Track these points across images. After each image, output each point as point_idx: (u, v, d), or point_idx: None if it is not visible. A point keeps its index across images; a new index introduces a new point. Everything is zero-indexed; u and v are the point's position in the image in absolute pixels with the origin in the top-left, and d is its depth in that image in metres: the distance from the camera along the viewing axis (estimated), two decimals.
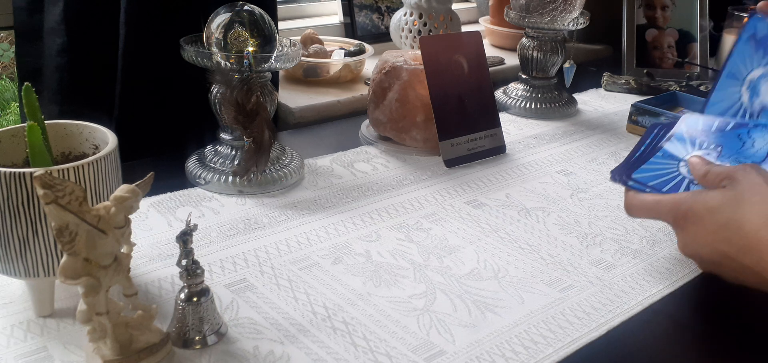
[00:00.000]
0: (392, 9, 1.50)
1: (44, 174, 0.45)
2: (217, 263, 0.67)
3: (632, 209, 0.69)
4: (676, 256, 0.74)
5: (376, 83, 0.96)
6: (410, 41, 1.16)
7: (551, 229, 0.78)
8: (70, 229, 0.46)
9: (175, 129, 0.95)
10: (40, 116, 0.57)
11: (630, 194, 0.69)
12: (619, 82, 1.32)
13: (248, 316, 0.59)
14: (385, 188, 0.85)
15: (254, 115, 0.77)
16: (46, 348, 0.54)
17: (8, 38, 3.02)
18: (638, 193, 0.69)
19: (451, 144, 0.93)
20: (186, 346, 0.55)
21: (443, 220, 0.78)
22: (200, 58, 0.79)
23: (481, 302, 0.64)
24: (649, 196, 0.68)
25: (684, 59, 1.39)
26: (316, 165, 0.90)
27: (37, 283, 0.56)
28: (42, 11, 0.95)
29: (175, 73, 0.92)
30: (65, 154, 0.62)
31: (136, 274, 0.64)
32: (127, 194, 0.48)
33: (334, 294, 0.63)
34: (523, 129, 1.09)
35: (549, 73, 1.15)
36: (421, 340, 0.58)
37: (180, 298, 0.55)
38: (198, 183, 0.82)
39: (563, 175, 0.92)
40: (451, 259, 0.70)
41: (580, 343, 0.59)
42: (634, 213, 0.69)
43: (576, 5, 1.08)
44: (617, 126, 1.13)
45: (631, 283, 0.68)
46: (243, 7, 0.80)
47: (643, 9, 1.41)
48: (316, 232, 0.74)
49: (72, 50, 0.94)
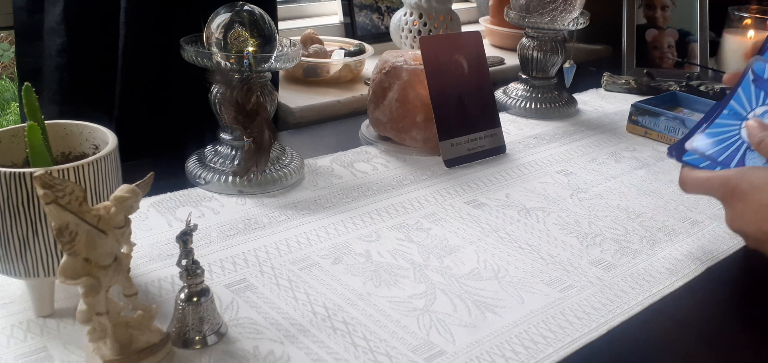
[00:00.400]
0: (392, 9, 1.50)
1: (44, 174, 0.45)
2: (217, 263, 0.67)
3: (686, 185, 0.70)
4: (676, 256, 0.74)
5: (376, 83, 0.96)
6: (410, 41, 1.16)
7: (551, 229, 0.78)
8: (70, 229, 0.46)
9: (175, 129, 0.95)
10: (40, 116, 0.57)
11: (684, 170, 0.70)
12: (619, 82, 1.32)
13: (248, 316, 0.59)
14: (385, 188, 0.85)
15: (254, 115, 0.77)
16: (46, 348, 0.54)
17: (8, 38, 3.02)
18: (692, 170, 0.69)
19: (451, 144, 0.93)
20: (186, 346, 0.55)
21: (443, 220, 0.78)
22: (200, 58, 0.79)
23: (481, 302, 0.64)
24: (701, 172, 0.68)
25: (684, 59, 1.39)
26: (316, 165, 0.90)
27: (37, 283, 0.56)
28: (42, 11, 0.95)
29: (175, 73, 0.92)
30: (65, 154, 0.62)
31: (136, 274, 0.64)
32: (127, 194, 0.48)
33: (334, 294, 0.63)
34: (523, 129, 1.09)
35: (549, 73, 1.15)
36: (421, 340, 0.58)
37: (180, 298, 0.55)
38: (198, 183, 0.82)
39: (563, 175, 0.92)
40: (451, 259, 0.70)
41: (580, 343, 0.59)
42: (687, 189, 0.70)
43: (576, 5, 1.08)
44: (617, 126, 1.13)
45: (631, 283, 0.68)
46: (243, 7, 0.80)
47: (643, 9, 1.41)
48: (316, 232, 0.74)
49: (72, 50, 0.94)
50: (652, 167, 0.97)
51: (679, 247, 0.76)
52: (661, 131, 1.06)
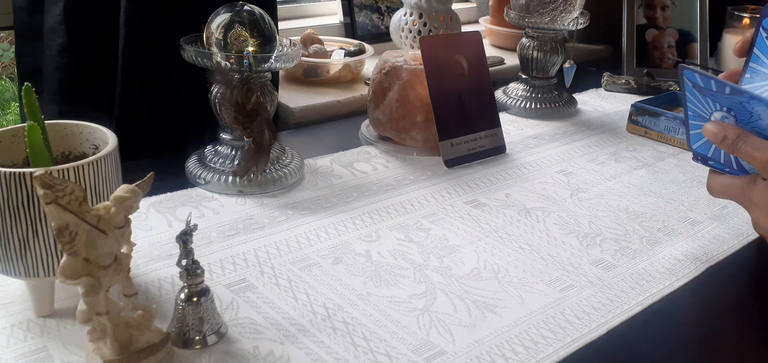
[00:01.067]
0: (392, 9, 1.50)
1: (44, 174, 0.45)
2: (217, 263, 0.67)
3: (712, 190, 0.70)
4: (676, 256, 0.74)
5: (376, 83, 0.96)
6: (410, 41, 1.16)
7: (551, 229, 0.78)
8: (70, 229, 0.46)
9: (175, 129, 0.95)
10: (40, 116, 0.57)
11: (711, 176, 0.70)
12: (619, 82, 1.32)
13: (248, 316, 0.59)
14: (385, 188, 0.85)
15: (254, 115, 0.77)
16: (46, 348, 0.54)
17: (8, 38, 3.02)
18: (718, 175, 0.69)
19: (451, 144, 0.93)
20: (186, 346, 0.55)
21: (443, 220, 0.78)
22: (200, 58, 0.79)
23: (481, 302, 0.64)
24: (725, 178, 0.69)
25: (684, 59, 1.38)
26: (316, 165, 0.90)
27: (37, 283, 0.56)
28: (42, 11, 0.95)
29: (175, 73, 0.92)
30: (65, 154, 0.62)
31: (136, 274, 0.64)
32: (127, 194, 0.48)
33: (334, 294, 0.63)
34: (523, 129, 1.09)
35: (549, 73, 1.15)
36: (421, 340, 0.58)
37: (180, 298, 0.55)
38: (198, 183, 0.82)
39: (563, 175, 0.92)
40: (451, 259, 0.70)
41: (580, 343, 0.59)
42: (714, 194, 0.70)
43: (576, 5, 1.08)
44: (617, 126, 1.13)
45: (631, 283, 0.68)
46: (243, 7, 0.80)
47: (643, 9, 1.41)
48: (316, 232, 0.74)
49: (72, 50, 0.94)
50: (652, 167, 0.97)
51: (679, 247, 0.76)
52: (661, 131, 1.06)
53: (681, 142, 1.04)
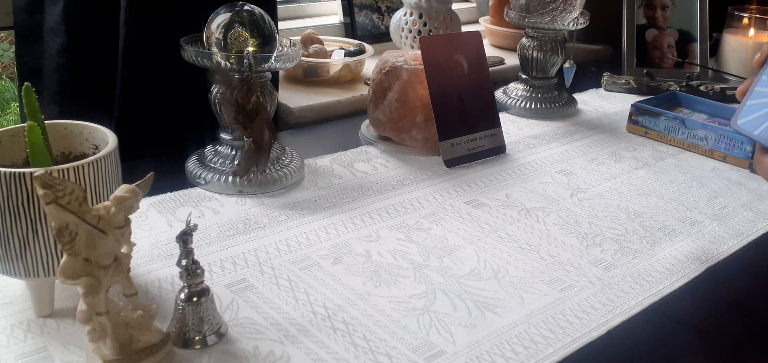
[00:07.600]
0: (392, 9, 1.50)
1: (44, 174, 0.45)
2: (217, 263, 0.67)
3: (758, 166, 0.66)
4: (676, 256, 0.74)
5: (376, 83, 0.96)
6: (410, 41, 1.16)
7: (551, 229, 0.78)
8: (70, 229, 0.46)
9: (175, 129, 0.95)
10: (40, 116, 0.57)
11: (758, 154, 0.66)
12: (619, 82, 1.32)
13: (248, 316, 0.59)
14: (385, 188, 0.85)
15: (254, 115, 0.77)
16: (46, 348, 0.54)
17: (8, 38, 3.02)
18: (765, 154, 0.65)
19: (451, 144, 0.93)
20: (186, 346, 0.55)
21: (443, 220, 0.78)
22: (200, 58, 0.79)
23: (481, 302, 0.64)
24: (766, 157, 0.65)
25: (684, 59, 1.38)
26: (316, 165, 0.90)
27: (37, 283, 0.56)
28: (42, 11, 0.95)
29: (175, 73, 0.92)
30: (65, 154, 0.62)
31: (136, 274, 0.64)
32: (127, 194, 0.48)
33: (334, 294, 0.63)
34: (523, 129, 1.09)
35: (549, 73, 1.15)
36: (421, 340, 0.58)
37: (180, 298, 0.55)
38: (198, 183, 0.82)
39: (563, 175, 0.92)
40: (451, 259, 0.70)
41: (580, 343, 0.59)
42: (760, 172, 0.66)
43: (576, 5, 1.08)
44: (617, 126, 1.13)
45: (631, 283, 0.68)
46: (243, 7, 0.80)
47: (643, 9, 1.41)
48: (316, 232, 0.74)
49: (72, 50, 0.94)
50: (652, 167, 0.97)
51: (679, 247, 0.76)
52: (661, 131, 1.06)
53: (680, 141, 1.04)
